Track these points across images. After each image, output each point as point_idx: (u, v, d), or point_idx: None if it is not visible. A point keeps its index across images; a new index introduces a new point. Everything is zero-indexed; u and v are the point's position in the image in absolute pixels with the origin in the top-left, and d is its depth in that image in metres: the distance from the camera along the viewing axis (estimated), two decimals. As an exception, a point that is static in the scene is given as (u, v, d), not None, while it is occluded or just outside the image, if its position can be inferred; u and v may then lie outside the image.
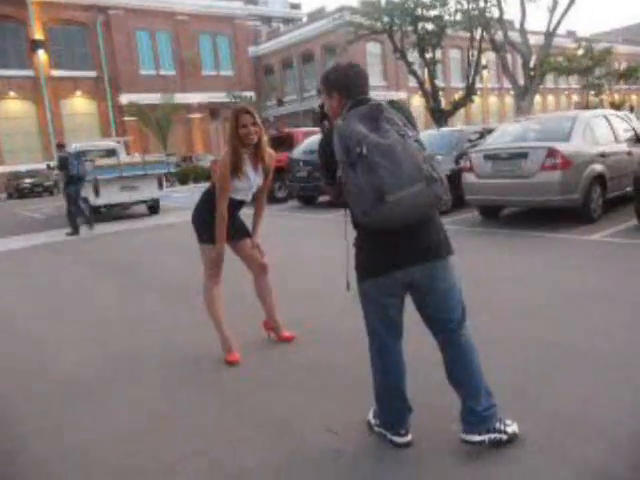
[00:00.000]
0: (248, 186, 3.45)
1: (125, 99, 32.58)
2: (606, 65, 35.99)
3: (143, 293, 5.61)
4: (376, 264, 2.21)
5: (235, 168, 3.30)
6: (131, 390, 3.26)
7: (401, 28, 21.29)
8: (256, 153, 3.40)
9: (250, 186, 3.47)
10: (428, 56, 21.85)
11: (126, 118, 32.64)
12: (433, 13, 20.67)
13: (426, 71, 22.54)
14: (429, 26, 21.25)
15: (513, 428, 2.31)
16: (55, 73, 31.70)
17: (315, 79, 34.42)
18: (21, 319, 5.09)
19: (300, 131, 14.22)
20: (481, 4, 20.11)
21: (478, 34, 21.40)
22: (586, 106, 33.02)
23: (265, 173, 3.51)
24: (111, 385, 3.36)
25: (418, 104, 34.66)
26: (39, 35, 31.00)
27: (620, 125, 8.10)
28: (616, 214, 7.47)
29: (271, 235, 5.70)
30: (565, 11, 18.78)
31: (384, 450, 2.37)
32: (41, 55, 30.87)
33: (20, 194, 26.17)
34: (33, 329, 4.70)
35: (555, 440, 2.32)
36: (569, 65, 32.31)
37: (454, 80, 40.21)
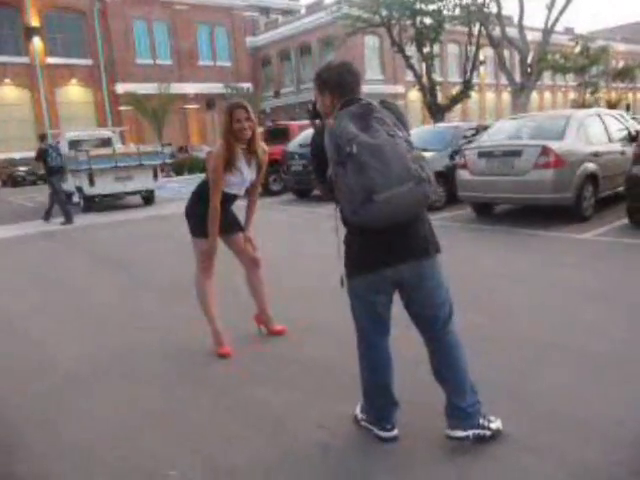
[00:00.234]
0: (241, 180, 3.46)
1: (121, 88, 32.45)
2: (603, 63, 35.94)
3: (136, 288, 5.59)
4: (365, 261, 2.24)
5: (228, 163, 3.31)
6: (125, 387, 3.24)
7: (399, 22, 21.21)
8: (250, 148, 3.40)
9: (243, 180, 3.48)
10: (426, 50, 21.77)
11: (122, 107, 32.48)
12: (432, 7, 20.58)
13: (424, 65, 22.50)
14: (427, 20, 21.17)
15: (497, 424, 2.36)
16: (51, 60, 31.51)
17: (312, 71, 33.98)
18: (11, 314, 5.03)
19: (296, 124, 14.19)
20: (479, -1, 20.10)
21: (476, 29, 21.37)
22: (583, 104, 33.03)
23: (258, 168, 3.52)
24: (107, 382, 3.32)
25: (415, 98, 34.64)
26: (35, 22, 30.76)
27: (614, 125, 8.15)
28: (608, 213, 7.53)
29: (265, 228, 5.73)
30: (563, 8, 18.79)
31: (371, 445, 2.41)
32: (36, 42, 30.62)
33: (14, 182, 26.03)
34: (24, 324, 4.64)
35: (540, 439, 2.36)
36: (565, 63, 32.22)
37: (451, 75, 40.20)
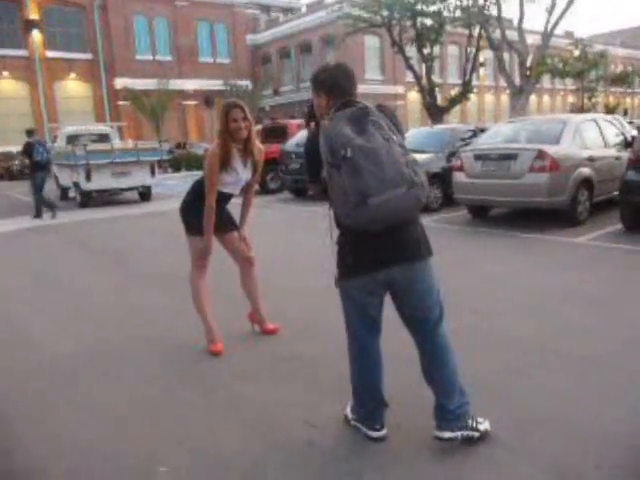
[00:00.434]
0: (236, 180, 3.47)
1: (120, 83, 32.33)
2: (601, 68, 36.02)
3: (129, 283, 5.60)
4: (357, 263, 2.26)
5: (224, 162, 3.32)
6: (125, 387, 3.23)
7: (400, 22, 21.24)
8: (246, 148, 3.41)
9: (238, 180, 3.49)
10: (426, 51, 21.80)
11: (120, 103, 32.39)
12: (433, 9, 20.61)
13: (423, 66, 22.53)
14: (428, 21, 21.20)
15: (485, 425, 2.38)
16: (50, 54, 31.36)
17: (312, 70, 34.22)
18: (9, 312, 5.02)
19: (294, 122, 14.20)
20: (480, 1, 20.12)
21: (476, 32, 21.41)
22: (581, 108, 33.12)
23: (254, 168, 3.54)
24: (105, 381, 3.32)
25: (414, 99, 34.66)
26: (34, 15, 30.61)
27: (610, 130, 8.20)
28: (603, 217, 7.57)
29: (262, 227, 5.76)
30: (563, 12, 18.85)
31: (360, 444, 2.43)
32: (36, 35, 30.51)
33: (11, 176, 25.92)
34: (22, 323, 4.63)
35: (530, 441, 2.39)
36: (563, 68, 32.28)
37: (451, 77, 40.20)
